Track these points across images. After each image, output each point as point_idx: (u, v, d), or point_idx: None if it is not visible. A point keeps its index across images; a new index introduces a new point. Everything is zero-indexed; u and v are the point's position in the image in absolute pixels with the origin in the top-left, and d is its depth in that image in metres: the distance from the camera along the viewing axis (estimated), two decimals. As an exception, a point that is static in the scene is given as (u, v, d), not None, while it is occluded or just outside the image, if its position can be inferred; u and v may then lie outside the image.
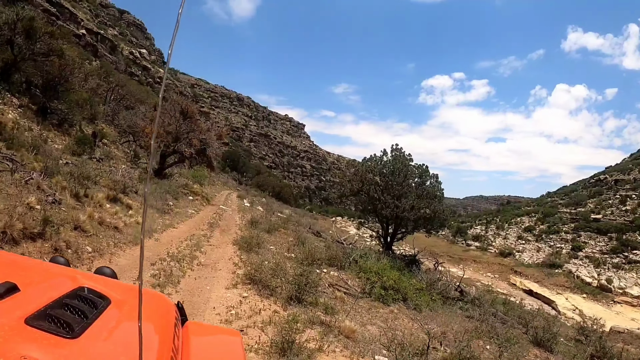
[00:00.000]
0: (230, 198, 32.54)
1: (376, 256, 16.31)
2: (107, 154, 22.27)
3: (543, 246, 52.13)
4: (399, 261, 18.34)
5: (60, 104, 21.92)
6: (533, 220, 60.65)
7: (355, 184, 21.45)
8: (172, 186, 20.47)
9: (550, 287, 37.45)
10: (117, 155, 24.30)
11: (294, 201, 73.52)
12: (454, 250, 55.44)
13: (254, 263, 9.31)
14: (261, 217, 22.34)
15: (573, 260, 45.20)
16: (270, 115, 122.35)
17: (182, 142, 22.29)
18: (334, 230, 36.28)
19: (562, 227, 54.27)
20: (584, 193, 65.42)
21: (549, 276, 40.23)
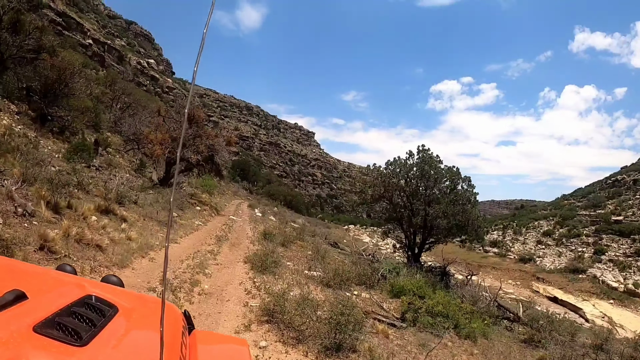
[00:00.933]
0: (240, 208, 30.58)
1: (408, 271, 14.12)
2: (109, 162, 20.54)
3: (564, 250, 49.52)
4: (430, 275, 16.14)
5: (60, 111, 20.46)
6: (551, 224, 57.98)
7: (377, 189, 19.31)
8: (178, 196, 18.54)
9: (576, 293, 34.97)
10: (121, 164, 22.62)
11: (306, 210, 71.85)
12: (471, 257, 52.93)
13: (271, 292, 7.21)
14: (274, 228, 20.31)
15: (597, 265, 42.62)
16: (280, 124, 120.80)
17: (187, 149, 20.40)
18: (351, 240, 34.04)
19: (582, 231, 51.62)
20: (602, 194, 62.64)
21: (573, 282, 37.85)
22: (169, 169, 22.44)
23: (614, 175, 68.68)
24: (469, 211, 16.65)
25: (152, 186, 20.05)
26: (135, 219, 12.06)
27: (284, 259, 12.76)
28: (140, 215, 12.65)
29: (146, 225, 11.96)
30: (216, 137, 22.74)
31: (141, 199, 15.03)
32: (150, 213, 13.41)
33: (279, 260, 10.71)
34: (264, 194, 58.28)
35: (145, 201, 15.06)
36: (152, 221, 12.69)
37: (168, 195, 17.61)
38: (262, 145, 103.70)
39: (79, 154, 16.72)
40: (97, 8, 56.33)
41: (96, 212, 10.39)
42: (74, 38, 41.77)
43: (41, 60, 19.85)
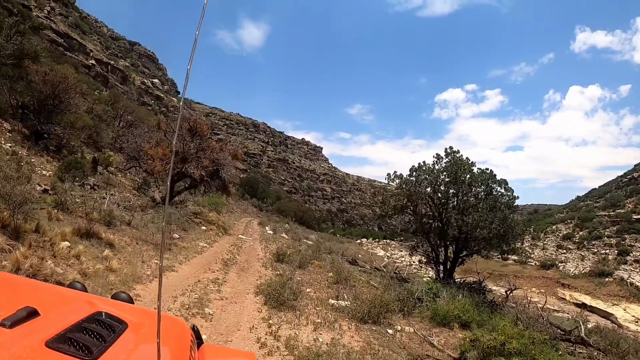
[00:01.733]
0: (250, 226, 28.55)
1: (448, 292, 11.93)
2: (107, 180, 18.76)
3: (587, 254, 46.92)
4: (467, 292, 13.87)
5: (56, 128, 19.01)
6: (570, 227, 55.34)
7: (399, 200, 17.20)
8: (180, 215, 16.60)
9: (604, 297, 32.40)
10: (122, 183, 20.90)
11: (317, 225, 69.89)
12: (491, 266, 50.18)
13: (294, 345, 5.09)
14: (288, 246, 18.24)
15: (623, 266, 40.04)
16: (287, 140, 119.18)
17: (190, 163, 18.53)
18: (367, 255, 31.79)
19: (603, 232, 49.10)
20: (620, 193, 59.86)
21: (599, 286, 35.31)
22: (172, 186, 20.56)
23: (630, 173, 65.99)
24: (509, 218, 14.43)
25: (154, 205, 18.19)
26: (126, 243, 10.07)
27: (303, 284, 10.67)
28: (133, 239, 10.68)
29: (138, 250, 9.96)
30: (221, 151, 20.88)
31: (137, 220, 13.11)
32: (145, 235, 11.43)
33: (297, 289, 8.58)
34: (274, 210, 56.47)
35: (142, 222, 13.12)
36: (147, 245, 10.69)
37: (168, 213, 15.69)
38: (270, 162, 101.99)
39: (72, 172, 15.00)
40: (100, 30, 55.59)
41: (75, 236, 8.45)
42: (77, 59, 40.63)
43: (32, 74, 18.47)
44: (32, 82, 18.31)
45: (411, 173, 16.55)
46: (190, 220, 18.36)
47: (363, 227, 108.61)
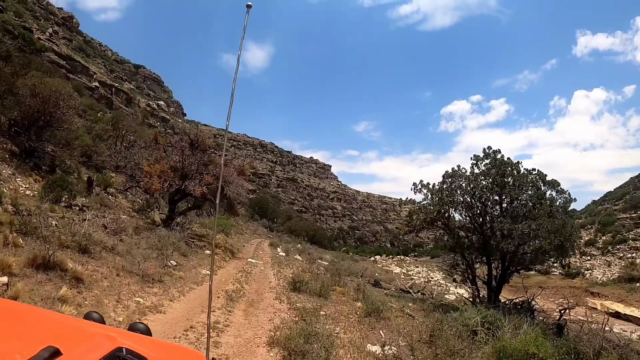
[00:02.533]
0: (261, 248, 26.21)
1: (508, 320, 9.46)
2: (101, 201, 16.69)
3: (613, 259, 44.04)
4: (515, 315, 11.32)
5: (49, 145, 17.13)
6: (592, 233, 52.26)
7: (429, 212, 14.83)
8: (179, 238, 14.37)
9: (637, 304, 29.58)
10: (120, 205, 18.86)
11: (329, 244, 67.54)
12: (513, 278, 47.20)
13: None
14: (303, 270, 15.88)
15: (654, 269, 37.37)
16: (295, 159, 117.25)
17: (190, 180, 16.42)
18: (394, 276, 29.25)
19: (628, 235, 46.13)
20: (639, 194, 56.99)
21: (631, 292, 32.61)
22: (173, 207, 18.43)
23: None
24: (569, 224, 11.98)
25: (153, 228, 16.08)
26: (102, 275, 7.84)
27: (328, 319, 8.30)
28: (113, 269, 8.44)
29: (117, 284, 7.72)
30: (225, 167, 18.76)
31: (126, 245, 10.91)
32: (130, 264, 9.19)
33: (328, 339, 6.16)
34: (285, 230, 54.33)
35: (131, 247, 10.92)
36: (130, 277, 8.44)
37: (165, 236, 13.45)
38: (280, 182, 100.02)
39: (56, 192, 13.03)
40: (105, 54, 54.73)
41: (28, 267, 6.31)
42: (80, 81, 39.35)
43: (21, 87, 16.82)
44: (19, 96, 16.66)
45: (443, 180, 14.20)
46: (193, 243, 16.12)
47: (375, 243, 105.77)
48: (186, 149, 16.87)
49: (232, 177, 18.41)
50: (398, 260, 67.47)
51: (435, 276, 43.47)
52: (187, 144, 17.99)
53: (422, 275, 43.44)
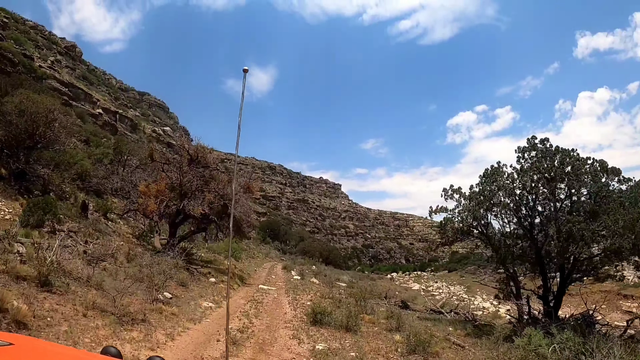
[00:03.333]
0: (274, 272, 23.99)
1: (598, 344, 7.14)
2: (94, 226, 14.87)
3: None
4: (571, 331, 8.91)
5: (40, 168, 15.64)
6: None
7: (463, 220, 12.60)
8: (174, 264, 12.29)
9: None
10: (120, 231, 17.19)
11: (344, 263, 64.92)
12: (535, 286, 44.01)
13: None
14: (323, 295, 13.66)
15: (687, 267, 33.68)
16: (305, 179, 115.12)
17: (190, 200, 14.46)
18: (424, 296, 26.75)
19: None
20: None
21: None
22: (174, 230, 16.43)
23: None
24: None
25: (152, 253, 14.09)
26: (63, 316, 5.80)
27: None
28: (81, 306, 6.39)
29: (81, 327, 5.68)
30: (229, 184, 16.80)
31: (111, 273, 8.89)
32: (106, 301, 7.11)
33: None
34: (299, 252, 52.07)
35: (116, 277, 8.89)
36: (103, 316, 6.37)
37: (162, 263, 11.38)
38: (290, 203, 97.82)
39: (37, 216, 11.27)
40: (109, 82, 54.03)
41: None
42: (83, 108, 38.21)
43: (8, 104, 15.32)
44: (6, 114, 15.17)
45: (481, 182, 12.02)
46: (196, 270, 14.02)
47: (390, 260, 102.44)
48: (184, 164, 14.95)
49: (237, 195, 16.40)
50: (415, 276, 64.61)
51: (457, 290, 40.80)
52: (186, 159, 16.12)
53: (442, 291, 40.78)
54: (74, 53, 48.64)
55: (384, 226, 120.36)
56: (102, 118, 40.83)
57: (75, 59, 47.78)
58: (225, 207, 15.79)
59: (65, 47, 47.79)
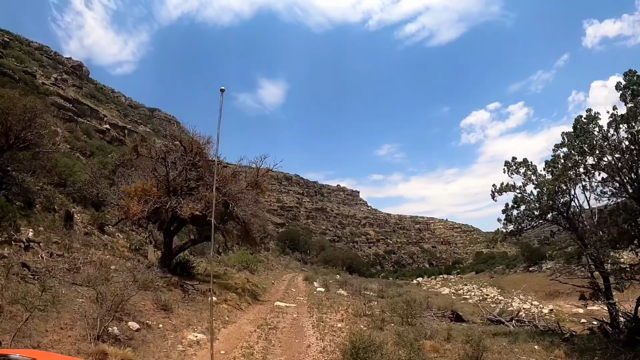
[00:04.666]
0: (294, 284, 20.54)
1: None
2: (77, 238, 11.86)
3: None
4: None
5: (23, 174, 13.13)
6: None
7: (541, 199, 8.98)
8: (152, 278, 9.01)
9: None
10: (114, 244, 14.10)
11: (367, 270, 61.16)
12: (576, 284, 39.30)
13: None
14: (357, 313, 10.13)
15: None
16: (322, 188, 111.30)
17: (180, 196, 11.24)
18: (478, 305, 22.89)
19: None
20: None
21: None
22: (169, 240, 13.20)
23: None
24: None
25: (147, 268, 10.93)
26: None
27: None
28: None
29: None
30: (233, 179, 13.55)
31: (53, 297, 5.64)
32: (29, 336, 3.71)
33: None
34: (320, 261, 48.74)
35: (62, 302, 5.63)
36: None
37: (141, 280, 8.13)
38: (309, 213, 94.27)
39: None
40: (118, 99, 51.99)
41: None
42: (89, 123, 35.86)
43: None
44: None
45: (564, 142, 8.41)
46: (192, 287, 10.69)
47: (413, 265, 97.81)
48: (171, 154, 11.80)
49: (241, 192, 13.12)
50: (442, 280, 60.24)
51: (490, 292, 36.66)
52: (180, 152, 12.98)
53: (474, 294, 36.67)
54: (81, 72, 46.75)
55: (405, 231, 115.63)
56: (110, 133, 38.47)
57: (82, 78, 45.81)
58: (226, 206, 12.47)
59: (72, 67, 45.92)
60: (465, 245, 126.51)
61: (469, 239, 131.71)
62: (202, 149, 13.47)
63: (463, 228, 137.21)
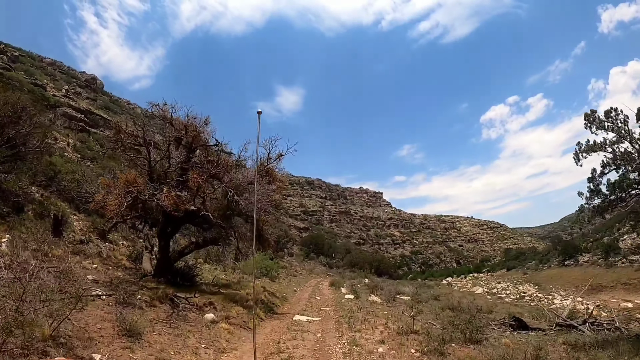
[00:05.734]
0: (319, 291, 17.84)
1: None
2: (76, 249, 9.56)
3: None
4: None
5: None
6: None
7: None
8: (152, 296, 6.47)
9: None
10: (114, 253, 11.80)
11: (395, 272, 58.01)
12: (618, 276, 35.53)
13: None
14: (401, 330, 7.32)
15: None
16: (345, 191, 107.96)
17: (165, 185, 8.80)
18: (543, 307, 19.63)
19: None
20: None
21: None
22: (164, 243, 10.77)
23: None
24: None
25: (138, 279, 8.56)
26: None
27: None
28: None
29: None
30: (238, 168, 11.04)
31: None
32: None
33: None
34: (346, 265, 46.00)
35: None
36: None
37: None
38: (332, 217, 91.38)
39: None
40: (134, 111, 50.82)
41: None
42: (103, 134, 34.26)
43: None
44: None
45: None
46: (186, 300, 8.12)
47: (440, 265, 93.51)
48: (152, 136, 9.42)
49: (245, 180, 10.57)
50: (472, 278, 56.68)
51: (527, 289, 33.19)
52: (173, 137, 10.59)
53: (510, 292, 33.22)
54: (95, 85, 45.66)
55: (431, 230, 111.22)
56: (124, 142, 36.88)
57: (96, 91, 44.69)
58: (230, 202, 9.89)
59: (86, 80, 44.87)
60: (492, 242, 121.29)
61: (496, 235, 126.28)
62: (199, 133, 11.02)
63: (489, 225, 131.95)
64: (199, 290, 10.23)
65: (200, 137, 11.03)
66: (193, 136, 10.85)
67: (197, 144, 10.89)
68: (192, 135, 10.80)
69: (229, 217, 10.24)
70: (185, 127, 10.84)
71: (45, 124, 18.45)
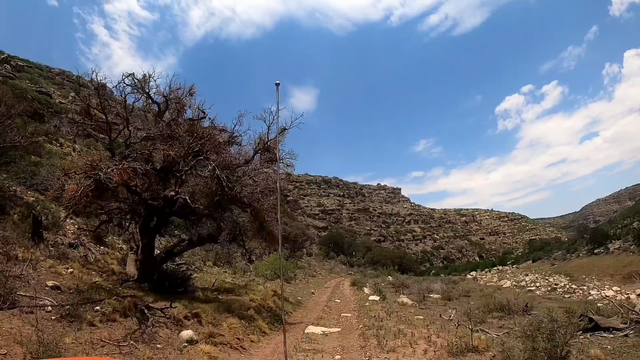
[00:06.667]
0: (339, 292, 15.56)
1: None
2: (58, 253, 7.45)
3: None
4: None
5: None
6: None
7: None
8: None
9: None
10: (104, 257, 9.91)
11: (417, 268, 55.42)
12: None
13: None
14: (452, 348, 4.99)
15: None
16: (363, 189, 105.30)
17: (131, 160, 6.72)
18: (617, 302, 16.90)
19: None
20: None
21: None
22: (148, 241, 8.69)
23: None
24: None
25: (118, 284, 6.49)
26: None
27: None
28: None
29: None
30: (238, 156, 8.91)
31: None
32: None
33: None
34: (367, 263, 43.68)
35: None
36: None
37: None
38: (351, 215, 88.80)
39: None
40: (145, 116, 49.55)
41: None
42: (110, 139, 32.80)
43: None
44: None
45: None
46: (161, 312, 6.00)
47: (463, 259, 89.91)
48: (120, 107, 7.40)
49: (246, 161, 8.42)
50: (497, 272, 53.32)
51: (558, 281, 30.19)
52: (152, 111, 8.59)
53: (540, 284, 30.28)
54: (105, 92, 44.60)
55: (451, 224, 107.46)
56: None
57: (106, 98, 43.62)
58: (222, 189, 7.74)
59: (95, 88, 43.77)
60: (514, 234, 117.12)
61: (517, 227, 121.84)
62: (183, 105, 8.95)
63: (510, 217, 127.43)
64: (192, 298, 8.14)
65: (183, 108, 8.98)
66: (177, 108, 8.81)
67: (177, 114, 8.83)
68: (176, 107, 8.76)
69: (219, 204, 8.08)
70: (165, 98, 8.80)
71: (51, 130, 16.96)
